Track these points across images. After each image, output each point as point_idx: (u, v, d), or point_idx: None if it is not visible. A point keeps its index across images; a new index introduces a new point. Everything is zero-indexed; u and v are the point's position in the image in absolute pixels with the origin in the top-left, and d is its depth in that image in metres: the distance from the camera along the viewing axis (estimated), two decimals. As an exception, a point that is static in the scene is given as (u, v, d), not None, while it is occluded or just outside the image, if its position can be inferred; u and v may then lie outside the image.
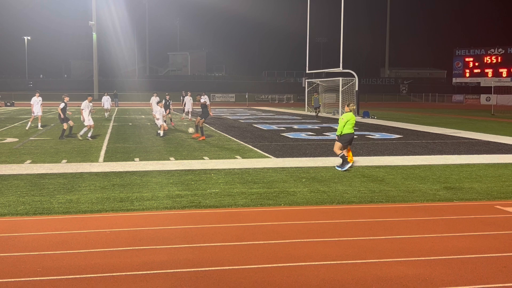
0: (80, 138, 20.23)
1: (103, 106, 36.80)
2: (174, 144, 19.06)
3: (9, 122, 30.71)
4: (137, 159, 14.97)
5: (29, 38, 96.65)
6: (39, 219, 8.28)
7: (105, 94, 38.95)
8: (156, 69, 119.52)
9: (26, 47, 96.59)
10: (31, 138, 20.95)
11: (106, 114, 36.82)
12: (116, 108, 53.57)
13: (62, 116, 21.17)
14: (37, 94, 26.30)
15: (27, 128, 25.36)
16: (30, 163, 14.09)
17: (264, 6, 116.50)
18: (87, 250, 6.68)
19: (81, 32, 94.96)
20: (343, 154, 13.14)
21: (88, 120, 20.66)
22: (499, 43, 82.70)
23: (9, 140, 20.28)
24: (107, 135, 22.46)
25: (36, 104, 25.89)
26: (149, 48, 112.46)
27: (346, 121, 13.10)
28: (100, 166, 13.56)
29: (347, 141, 13.16)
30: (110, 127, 27.11)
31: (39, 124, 26.06)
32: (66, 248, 6.79)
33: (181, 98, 38.26)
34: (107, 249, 6.75)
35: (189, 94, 33.85)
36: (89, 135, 20.64)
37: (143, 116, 38.30)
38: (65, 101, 22.12)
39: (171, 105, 28.36)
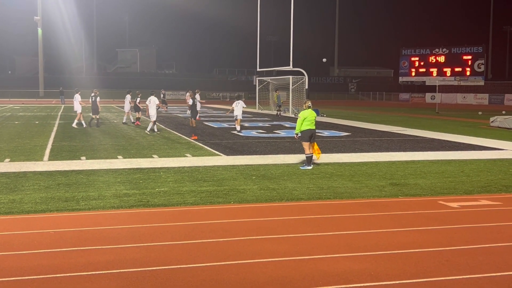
0: (148, 133, 21.67)
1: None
2: (122, 142, 18.76)
3: (-51, 120, 29.50)
4: (83, 157, 14.66)
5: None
6: (-21, 220, 7.99)
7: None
8: (104, 66, 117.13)
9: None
10: (-28, 137, 20.20)
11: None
12: (63, 105, 52.23)
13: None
14: (79, 92, 26.70)
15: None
16: (-30, 162, 13.58)
17: (216, 4, 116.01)
18: (30, 251, 6.49)
19: (27, 27, 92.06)
20: (309, 155, 13.22)
21: (153, 116, 21.99)
22: (444, 43, 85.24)
23: None
24: (52, 133, 21.88)
25: (76, 101, 26.15)
26: (97, 44, 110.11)
27: (304, 118, 13.25)
28: (45, 165, 13.20)
29: (308, 137, 13.26)
30: (56, 125, 26.42)
31: (77, 121, 25.71)
32: (8, 249, 6.58)
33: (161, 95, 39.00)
34: (51, 249, 6.58)
35: (197, 91, 34.24)
36: (155, 129, 22.23)
37: (90, 114, 37.48)
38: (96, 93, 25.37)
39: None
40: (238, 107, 23.59)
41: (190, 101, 21.00)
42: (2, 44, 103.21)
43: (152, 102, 22.29)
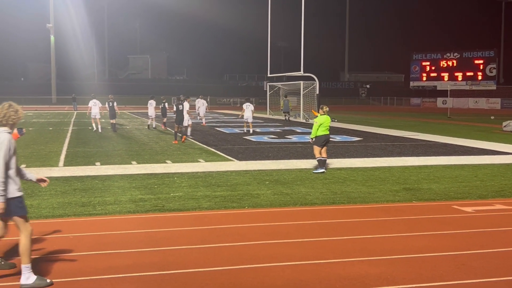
0: (190, 137, 22.31)
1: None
2: (135, 148, 18.91)
3: (-36, 127, 29.80)
4: (98, 163, 14.80)
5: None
6: (-1, 225, 8.11)
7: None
8: (115, 72, 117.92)
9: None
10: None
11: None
12: (75, 112, 52.65)
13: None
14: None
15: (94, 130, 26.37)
16: (-13, 168, 13.74)
17: (226, 10, 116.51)
18: (50, 255, 6.59)
19: (39, 35, 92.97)
20: (320, 158, 13.34)
21: (188, 120, 22.25)
22: (455, 48, 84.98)
23: (-36, 145, 19.71)
24: (66, 139, 22.09)
25: (94, 106, 27.07)
26: (109, 51, 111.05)
27: (320, 124, 13.36)
28: (60, 171, 13.35)
29: (322, 142, 13.40)
30: (69, 131, 26.67)
31: (99, 127, 26.64)
32: (28, 253, 6.68)
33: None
34: (70, 253, 6.68)
35: (200, 97, 34.77)
36: (188, 133, 22.66)
37: (103, 120, 37.75)
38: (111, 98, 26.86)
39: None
40: (248, 110, 25.52)
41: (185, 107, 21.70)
42: (15, 51, 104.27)
43: (185, 108, 22.51)
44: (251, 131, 25.36)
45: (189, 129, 22.71)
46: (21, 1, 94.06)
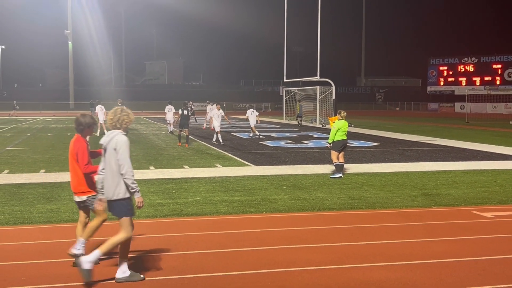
0: (222, 142, 22.45)
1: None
2: (153, 153, 19.02)
3: (-16, 132, 30.27)
4: (116, 168, 14.88)
5: (3, 47, 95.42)
6: (19, 229, 8.22)
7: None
8: (132, 78, 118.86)
9: (0, 56, 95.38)
10: (7, 148, 20.70)
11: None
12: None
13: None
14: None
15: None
16: (8, 173, 13.94)
17: (242, 16, 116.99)
18: (70, 259, 6.65)
19: (57, 41, 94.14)
20: (338, 163, 13.33)
21: (218, 127, 22.91)
22: (473, 52, 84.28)
23: (-15, 150, 20.01)
24: (85, 145, 22.24)
25: (100, 111, 27.92)
26: (126, 57, 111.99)
27: (338, 128, 13.36)
28: (80, 176, 13.44)
29: (340, 147, 13.40)
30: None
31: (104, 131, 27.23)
32: (49, 257, 6.76)
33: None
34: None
35: (207, 102, 35.95)
36: (220, 139, 22.77)
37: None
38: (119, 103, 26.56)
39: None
40: (252, 116, 26.55)
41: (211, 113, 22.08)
42: (33, 58, 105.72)
43: (217, 113, 22.92)
44: (258, 134, 26.51)
45: (219, 136, 22.78)
46: (40, 8, 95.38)
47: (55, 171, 14.23)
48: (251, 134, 26.78)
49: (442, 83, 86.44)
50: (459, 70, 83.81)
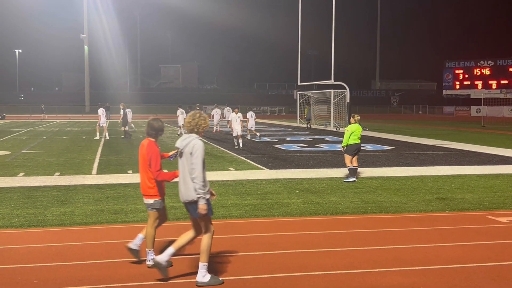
0: (241, 147, 22.21)
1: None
2: (167, 156, 19.05)
3: (0, 135, 30.60)
4: (130, 171, 14.97)
5: (20, 51, 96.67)
6: (33, 231, 8.28)
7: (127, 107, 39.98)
8: (147, 82, 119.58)
9: (17, 60, 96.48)
10: (23, 151, 20.90)
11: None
12: (108, 121, 53.38)
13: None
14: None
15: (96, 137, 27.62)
16: (23, 175, 14.06)
17: (256, 19, 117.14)
18: (83, 262, 6.69)
19: (73, 45, 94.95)
20: (351, 167, 13.27)
21: (236, 131, 22.40)
22: (489, 56, 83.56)
23: (1, 153, 20.22)
24: (99, 148, 22.43)
25: (102, 114, 28.52)
26: (141, 61, 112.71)
27: (351, 132, 13.32)
28: (94, 179, 13.55)
29: (353, 151, 13.35)
30: (103, 140, 27.06)
31: (106, 134, 27.99)
32: (62, 260, 6.79)
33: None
34: (103, 260, 6.76)
35: (215, 106, 36.35)
36: (240, 144, 22.37)
37: (135, 129, 38.27)
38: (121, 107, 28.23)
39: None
40: (252, 119, 26.99)
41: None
42: (49, 61, 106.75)
43: (235, 117, 22.73)
44: (259, 135, 26.97)
45: (240, 140, 22.57)
46: (56, 12, 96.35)
47: (70, 174, 14.33)
48: (249, 136, 27.36)
49: (458, 87, 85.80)
50: (475, 73, 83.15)
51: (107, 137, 27.47)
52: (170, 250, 5.94)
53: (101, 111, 28.55)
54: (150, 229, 6.48)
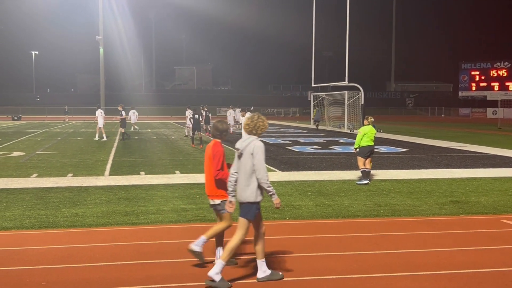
0: None
1: (131, 120, 37.58)
2: (179, 158, 19.10)
3: (16, 136, 30.87)
4: (142, 172, 15.00)
5: (36, 52, 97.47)
6: (44, 233, 8.30)
7: (132, 108, 40.52)
8: (162, 83, 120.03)
9: (33, 61, 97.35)
10: (37, 152, 21.04)
11: (132, 128, 37.29)
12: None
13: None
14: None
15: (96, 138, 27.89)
16: (36, 176, 14.15)
17: (270, 20, 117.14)
18: (92, 264, 6.68)
19: (88, 47, 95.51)
20: (364, 169, 13.17)
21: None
22: (506, 57, 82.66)
23: (16, 154, 20.37)
24: (112, 149, 22.53)
25: (100, 116, 28.55)
26: (156, 62, 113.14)
27: (364, 134, 13.22)
28: (106, 180, 13.59)
29: (366, 153, 13.24)
30: (116, 141, 27.19)
31: (103, 135, 28.16)
32: (71, 261, 6.79)
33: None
34: (112, 262, 6.75)
35: (230, 107, 36.41)
36: None
37: (149, 130, 38.43)
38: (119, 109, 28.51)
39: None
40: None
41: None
42: (65, 63, 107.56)
43: (243, 119, 22.93)
44: None
45: None
46: (72, 14, 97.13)
47: (83, 175, 14.38)
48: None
49: (474, 88, 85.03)
50: (491, 75, 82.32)
51: (104, 138, 27.60)
52: (219, 262, 5.93)
53: (98, 112, 28.68)
54: (219, 226, 6.58)
